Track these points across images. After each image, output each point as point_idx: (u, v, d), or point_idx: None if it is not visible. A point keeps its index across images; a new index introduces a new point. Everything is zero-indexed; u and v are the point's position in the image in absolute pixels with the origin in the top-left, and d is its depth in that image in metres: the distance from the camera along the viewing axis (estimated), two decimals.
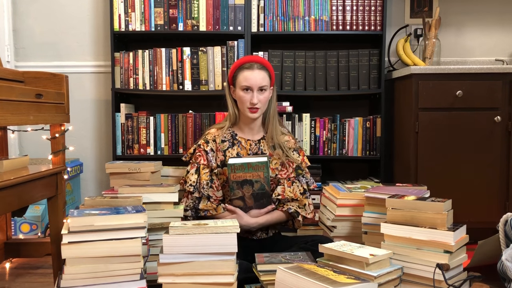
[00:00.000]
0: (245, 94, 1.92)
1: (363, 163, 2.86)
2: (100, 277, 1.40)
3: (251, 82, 1.91)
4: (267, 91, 1.95)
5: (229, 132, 2.01)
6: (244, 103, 1.93)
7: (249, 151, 1.98)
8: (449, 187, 2.34)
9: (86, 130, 2.90)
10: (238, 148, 1.97)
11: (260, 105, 1.93)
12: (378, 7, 2.60)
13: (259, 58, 2.01)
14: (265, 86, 1.93)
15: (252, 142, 2.00)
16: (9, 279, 1.98)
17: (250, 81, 1.91)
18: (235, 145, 1.98)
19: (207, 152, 1.95)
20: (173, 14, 2.61)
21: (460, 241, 1.60)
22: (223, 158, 1.95)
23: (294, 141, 2.07)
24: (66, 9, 2.86)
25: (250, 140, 2.00)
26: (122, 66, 2.64)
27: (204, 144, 1.97)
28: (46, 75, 1.92)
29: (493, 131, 2.36)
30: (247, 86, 1.91)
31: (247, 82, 1.91)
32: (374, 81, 2.61)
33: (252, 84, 1.91)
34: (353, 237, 1.87)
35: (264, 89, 1.93)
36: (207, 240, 1.44)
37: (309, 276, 1.34)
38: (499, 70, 2.35)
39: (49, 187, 1.82)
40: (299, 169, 2.00)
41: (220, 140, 1.98)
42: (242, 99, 1.93)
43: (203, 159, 1.94)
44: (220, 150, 1.96)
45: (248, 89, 1.92)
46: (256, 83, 1.91)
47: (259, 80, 1.91)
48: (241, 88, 1.93)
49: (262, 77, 1.92)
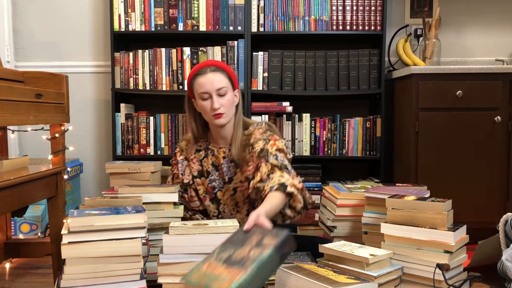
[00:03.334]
0: (205, 102, 1.77)
1: (363, 163, 2.86)
2: (100, 277, 1.40)
3: (207, 87, 1.75)
4: (228, 94, 1.79)
5: (204, 141, 1.92)
6: (207, 111, 1.78)
7: (222, 160, 1.88)
8: (449, 187, 2.34)
9: (86, 130, 2.90)
10: (212, 158, 1.89)
11: (224, 109, 1.77)
12: (378, 7, 2.60)
13: (213, 61, 1.87)
14: (224, 88, 1.77)
15: (225, 149, 1.89)
16: (9, 279, 1.98)
17: (206, 86, 1.75)
18: (208, 155, 1.90)
19: (179, 162, 1.94)
20: (173, 14, 2.61)
21: (460, 241, 1.60)
22: (200, 168, 1.91)
23: (262, 131, 1.84)
24: (66, 9, 2.86)
25: (222, 148, 1.89)
26: (122, 66, 2.64)
27: (179, 152, 1.95)
28: (46, 75, 1.92)
29: (493, 131, 2.36)
30: (204, 92, 1.76)
31: (202, 88, 1.76)
32: (374, 81, 2.61)
33: (209, 89, 1.75)
34: (353, 237, 1.86)
35: (224, 92, 1.78)
36: (207, 240, 1.44)
37: (309, 276, 1.34)
38: (499, 70, 2.35)
39: (49, 187, 1.82)
40: (261, 152, 1.76)
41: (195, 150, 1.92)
42: (203, 108, 1.79)
43: (176, 168, 1.95)
44: (196, 159, 1.92)
45: (207, 96, 1.77)
46: (213, 86, 1.75)
47: (216, 83, 1.76)
48: (199, 96, 1.78)
49: (218, 79, 1.76)
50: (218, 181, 1.90)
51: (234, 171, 1.88)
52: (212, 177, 1.90)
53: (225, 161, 1.88)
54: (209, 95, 1.77)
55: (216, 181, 1.90)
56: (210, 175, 1.90)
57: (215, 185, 1.90)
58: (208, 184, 1.91)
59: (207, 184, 1.91)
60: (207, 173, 1.91)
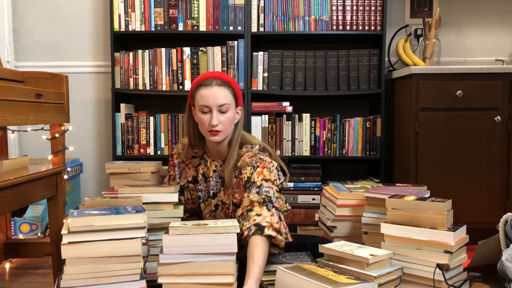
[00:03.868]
0: (204, 115, 1.71)
1: (363, 163, 2.86)
2: (100, 277, 1.40)
3: (209, 101, 1.69)
4: (230, 111, 1.72)
5: (201, 148, 1.88)
6: (204, 125, 1.72)
7: (212, 173, 1.83)
8: (449, 187, 2.34)
9: (86, 130, 2.90)
10: (204, 168, 1.85)
11: (222, 127, 1.71)
12: (378, 7, 2.60)
13: (221, 74, 1.79)
14: (227, 105, 1.70)
15: (218, 163, 1.83)
16: (9, 279, 1.98)
17: (208, 99, 1.69)
18: (201, 164, 1.86)
19: (175, 165, 1.94)
20: (173, 14, 2.61)
21: (460, 241, 1.60)
22: (195, 174, 1.88)
23: (251, 155, 1.73)
24: (66, 9, 2.86)
25: (215, 161, 1.84)
26: (122, 66, 2.64)
27: (176, 155, 1.95)
28: (46, 75, 1.92)
29: (493, 131, 2.36)
30: (205, 105, 1.70)
31: (204, 101, 1.69)
32: (374, 81, 2.61)
33: (210, 104, 1.69)
34: (353, 237, 1.87)
35: (226, 109, 1.71)
36: (207, 240, 1.44)
37: (309, 276, 1.34)
38: (499, 70, 2.35)
39: (49, 187, 1.82)
40: (247, 183, 1.66)
41: (191, 156, 1.90)
42: (201, 121, 1.73)
43: (173, 170, 1.95)
44: (191, 165, 1.90)
45: (207, 110, 1.71)
46: (215, 101, 1.69)
47: (219, 98, 1.69)
48: (199, 109, 1.72)
49: (222, 95, 1.70)
50: (204, 193, 1.87)
51: (220, 188, 1.84)
52: (200, 187, 1.87)
53: (214, 175, 1.83)
54: (209, 110, 1.71)
55: (202, 192, 1.87)
56: (199, 184, 1.87)
57: (200, 195, 1.88)
58: (197, 192, 1.89)
59: (196, 192, 1.89)
60: (197, 181, 1.88)
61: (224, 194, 1.81)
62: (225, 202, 1.82)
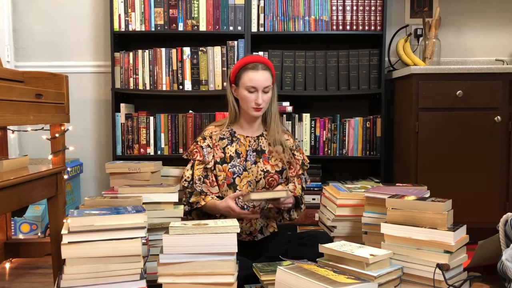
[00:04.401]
0: (250, 94, 1.94)
1: (363, 163, 2.86)
2: (100, 277, 1.40)
3: (257, 84, 1.92)
4: (270, 92, 1.98)
5: (228, 130, 2.03)
6: (249, 103, 1.95)
7: (248, 147, 1.99)
8: (449, 187, 2.34)
9: (86, 130, 2.90)
10: (236, 145, 1.99)
11: (264, 104, 1.96)
12: (378, 7, 2.60)
13: (262, 58, 2.02)
14: (269, 87, 1.96)
15: (251, 138, 2.02)
16: (9, 279, 1.98)
17: (256, 82, 1.92)
18: (234, 142, 2.00)
19: (203, 148, 1.97)
20: (173, 14, 2.61)
21: (460, 241, 1.60)
22: (223, 155, 1.97)
23: (293, 140, 2.09)
24: (66, 9, 2.86)
25: (249, 137, 2.02)
26: (122, 66, 2.64)
27: (201, 140, 2.00)
28: (46, 75, 1.92)
29: (493, 131, 2.36)
30: (253, 86, 1.93)
31: (252, 83, 1.92)
32: (374, 81, 2.61)
33: (258, 85, 1.92)
34: (353, 237, 1.87)
35: (269, 89, 1.96)
36: (207, 240, 1.44)
37: (309, 276, 1.34)
38: (499, 70, 2.35)
39: (49, 187, 1.82)
40: (304, 165, 2.05)
41: (218, 138, 2.00)
42: (247, 99, 1.95)
43: (199, 155, 1.97)
44: (219, 147, 1.98)
45: (253, 90, 1.93)
46: (262, 84, 1.92)
47: (264, 81, 1.93)
48: (246, 88, 1.94)
49: (266, 78, 1.94)
50: (238, 167, 1.96)
51: (255, 161, 1.97)
52: (233, 163, 1.96)
53: (249, 149, 1.99)
54: (255, 90, 1.93)
55: (237, 167, 1.96)
56: (233, 160, 1.96)
57: (235, 170, 1.95)
58: (228, 169, 1.95)
59: (228, 169, 1.95)
60: (230, 158, 1.96)
61: (264, 164, 1.99)
62: (270, 171, 1.98)
